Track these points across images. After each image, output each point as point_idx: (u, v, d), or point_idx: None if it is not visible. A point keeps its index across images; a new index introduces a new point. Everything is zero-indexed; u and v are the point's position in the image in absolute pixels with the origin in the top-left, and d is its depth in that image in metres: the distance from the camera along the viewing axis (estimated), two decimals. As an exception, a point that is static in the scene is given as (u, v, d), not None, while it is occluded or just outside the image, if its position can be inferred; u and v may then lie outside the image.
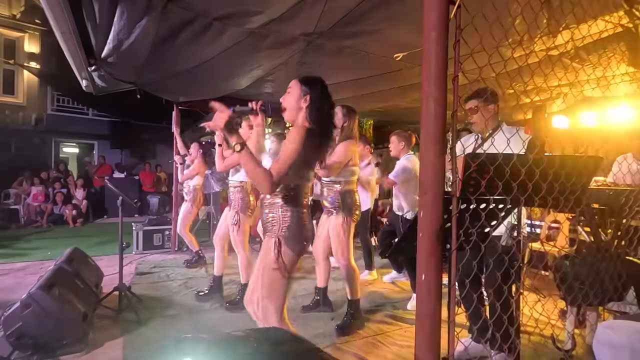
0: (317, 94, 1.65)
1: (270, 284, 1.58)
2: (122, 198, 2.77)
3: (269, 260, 1.59)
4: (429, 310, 0.89)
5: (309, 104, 1.64)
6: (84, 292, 2.58)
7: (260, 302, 1.60)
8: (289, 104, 1.68)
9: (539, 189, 1.26)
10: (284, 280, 1.60)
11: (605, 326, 0.99)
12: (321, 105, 1.65)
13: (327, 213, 2.77)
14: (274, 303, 1.59)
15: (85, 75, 3.89)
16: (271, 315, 1.59)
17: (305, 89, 1.66)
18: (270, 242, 1.61)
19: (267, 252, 1.61)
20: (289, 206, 1.61)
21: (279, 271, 1.58)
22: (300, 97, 1.65)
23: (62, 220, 7.74)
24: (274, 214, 1.62)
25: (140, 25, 2.56)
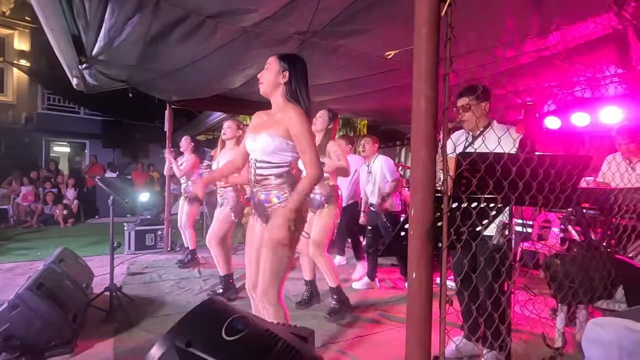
0: (296, 70, 1.69)
1: (277, 263, 1.64)
2: (112, 197, 2.74)
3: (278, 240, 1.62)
4: (419, 309, 0.88)
5: (287, 79, 1.68)
6: (74, 292, 2.54)
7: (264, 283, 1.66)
8: (267, 79, 1.71)
9: (530, 188, 1.27)
10: (289, 259, 1.67)
11: (594, 323, 1.00)
12: (299, 81, 1.70)
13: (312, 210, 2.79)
14: (277, 284, 1.66)
15: (76, 74, 3.84)
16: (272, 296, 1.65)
17: (284, 65, 1.69)
18: (277, 220, 1.63)
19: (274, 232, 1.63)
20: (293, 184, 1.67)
21: (286, 250, 1.64)
22: (279, 72, 1.68)
23: (52, 220, 7.64)
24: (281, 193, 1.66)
25: (131, 23, 2.53)
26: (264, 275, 1.66)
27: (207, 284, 3.63)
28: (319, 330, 2.58)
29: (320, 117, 2.82)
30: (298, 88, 1.69)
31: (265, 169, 1.68)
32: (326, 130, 2.80)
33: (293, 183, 1.68)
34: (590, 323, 1.02)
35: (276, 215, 1.66)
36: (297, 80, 1.69)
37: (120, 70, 3.70)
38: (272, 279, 1.64)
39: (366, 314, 2.94)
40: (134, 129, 10.65)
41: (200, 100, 4.90)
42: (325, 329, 2.62)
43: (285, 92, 1.68)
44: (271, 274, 1.64)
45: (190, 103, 5.10)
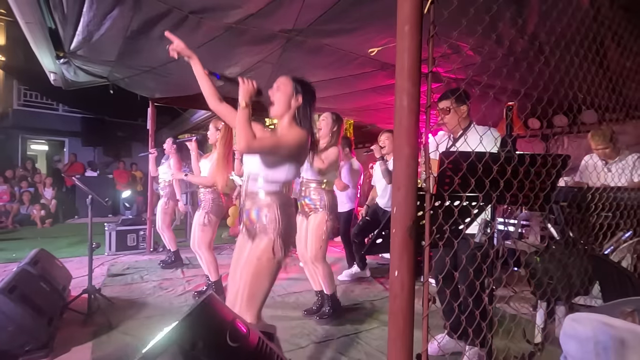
0: (309, 96, 1.70)
1: (257, 285, 1.58)
2: (91, 197, 2.66)
3: (261, 262, 1.57)
4: (401, 307, 0.88)
5: (300, 104, 1.67)
6: (50, 295, 2.45)
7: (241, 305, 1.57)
8: (279, 100, 1.69)
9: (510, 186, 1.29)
10: (270, 283, 1.61)
11: (571, 319, 1.02)
12: (309, 107, 1.70)
13: (307, 213, 2.77)
14: (255, 307, 1.57)
15: (53, 69, 3.72)
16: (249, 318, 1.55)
17: (298, 88, 1.68)
18: (263, 242, 1.59)
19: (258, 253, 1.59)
20: (283, 204, 1.63)
21: (269, 273, 1.59)
22: (292, 95, 1.67)
23: (29, 220, 7.38)
24: (269, 213, 1.61)
25: (111, 17, 2.46)
26: (241, 299, 1.59)
27: (190, 284, 3.57)
28: (304, 330, 2.59)
29: (324, 121, 2.79)
30: (307, 114, 1.68)
31: (256, 184, 1.65)
32: (332, 134, 2.78)
33: (283, 204, 1.63)
34: (567, 318, 1.04)
35: (261, 238, 1.61)
36: (308, 105, 1.69)
37: (100, 66, 3.59)
38: (247, 304, 1.57)
39: (352, 312, 2.95)
40: (115, 126, 10.38)
41: (184, 98, 4.81)
42: (311, 328, 2.61)
43: (295, 115, 1.67)
44: (247, 299, 1.57)
45: (174, 101, 5.01)
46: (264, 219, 1.61)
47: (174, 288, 3.45)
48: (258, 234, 1.62)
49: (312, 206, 2.75)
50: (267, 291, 1.61)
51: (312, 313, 2.84)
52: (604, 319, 0.98)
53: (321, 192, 2.74)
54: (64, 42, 2.98)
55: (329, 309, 2.77)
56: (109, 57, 3.24)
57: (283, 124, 1.70)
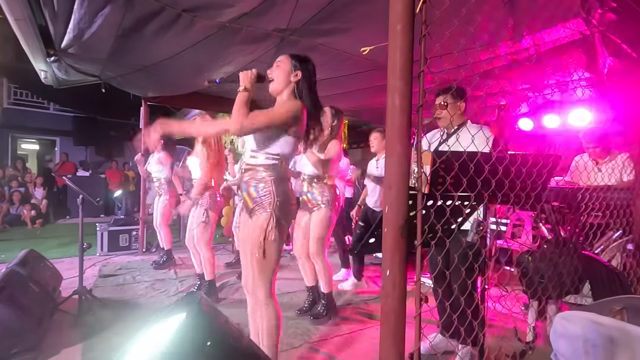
0: (308, 71, 1.69)
1: (263, 260, 1.60)
2: (82, 197, 2.62)
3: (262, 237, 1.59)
4: (393, 306, 0.88)
5: (299, 79, 1.67)
6: (40, 296, 2.41)
7: (253, 281, 1.63)
8: (278, 77, 1.70)
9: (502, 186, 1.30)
10: (276, 255, 1.63)
11: (561, 317, 1.03)
12: (310, 82, 1.70)
13: (309, 209, 2.76)
14: (265, 282, 1.62)
15: (43, 67, 3.67)
16: (262, 294, 1.62)
17: (296, 64, 1.69)
18: (262, 217, 1.60)
19: (259, 229, 1.60)
20: (279, 178, 1.64)
21: (273, 246, 1.60)
22: (290, 71, 1.68)
23: (19, 221, 7.27)
24: (264, 187, 1.62)
25: (102, 14, 2.44)
26: (252, 274, 1.64)
27: (183, 285, 3.54)
28: (298, 330, 2.58)
29: (323, 115, 2.75)
30: (307, 88, 1.68)
31: (253, 158, 1.66)
32: (332, 128, 2.75)
33: (279, 178, 1.64)
34: (557, 317, 1.05)
35: (258, 215, 1.62)
36: (308, 80, 1.69)
37: (92, 64, 3.55)
38: (259, 276, 1.61)
39: (345, 312, 2.94)
40: (108, 126, 10.26)
41: (177, 97, 4.78)
42: (304, 328, 2.60)
43: (294, 90, 1.68)
44: (258, 273, 1.61)
45: (167, 100, 4.97)
46: (261, 193, 1.62)
47: (166, 288, 3.42)
48: (256, 209, 1.62)
49: (315, 202, 2.73)
50: (275, 264, 1.64)
51: (305, 311, 2.83)
52: (593, 317, 0.99)
53: (323, 188, 2.73)
54: (55, 39, 2.94)
55: (323, 308, 2.76)
56: (101, 55, 3.21)
57: (282, 99, 1.70)
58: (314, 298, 2.88)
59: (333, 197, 2.75)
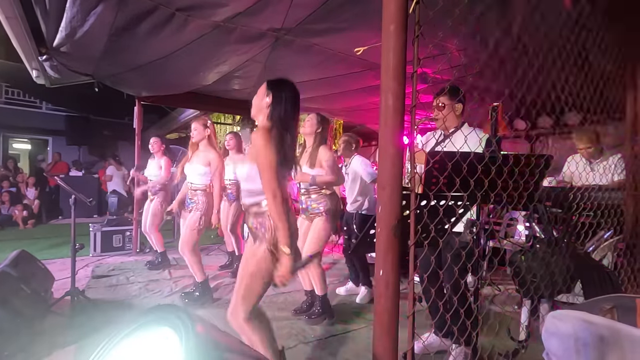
0: (280, 94, 1.67)
1: (251, 287, 1.63)
2: (74, 197, 2.60)
3: (255, 265, 1.61)
4: (386, 306, 0.89)
5: (270, 103, 1.66)
6: (31, 297, 2.39)
7: (234, 301, 1.64)
8: (255, 102, 1.73)
9: (495, 186, 1.30)
10: (263, 287, 1.64)
11: (553, 316, 1.04)
12: (283, 105, 1.66)
13: (311, 218, 2.77)
14: (246, 306, 1.63)
15: (35, 66, 3.63)
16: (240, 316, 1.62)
17: (269, 90, 1.68)
18: (260, 249, 1.61)
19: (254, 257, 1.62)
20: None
21: (264, 279, 1.62)
22: (264, 96, 1.68)
23: (10, 221, 7.18)
24: (262, 221, 1.63)
25: (95, 13, 2.41)
26: (236, 296, 1.65)
27: (177, 285, 3.52)
28: (292, 330, 2.58)
29: (308, 121, 2.76)
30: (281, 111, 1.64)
31: (248, 198, 1.68)
32: (316, 135, 2.73)
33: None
34: (549, 316, 1.06)
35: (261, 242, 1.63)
36: (280, 103, 1.65)
37: (85, 63, 3.51)
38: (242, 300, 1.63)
39: (341, 312, 2.94)
40: (101, 125, 10.17)
41: (171, 97, 4.75)
42: (299, 329, 2.60)
43: (268, 115, 1.66)
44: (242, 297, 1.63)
45: (161, 99, 4.94)
46: (259, 227, 1.64)
47: (160, 289, 3.40)
48: (260, 238, 1.65)
49: (316, 212, 2.75)
50: (260, 293, 1.65)
51: (302, 312, 2.83)
52: (584, 316, 1.00)
53: (323, 198, 2.74)
54: (47, 38, 2.90)
55: (318, 309, 2.77)
56: (94, 54, 3.17)
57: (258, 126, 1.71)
58: (312, 301, 2.89)
59: (334, 205, 2.76)
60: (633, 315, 1.08)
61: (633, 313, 1.09)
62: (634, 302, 1.11)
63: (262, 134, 1.58)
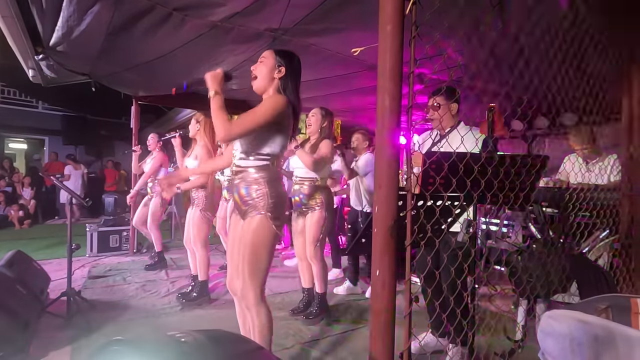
0: (292, 67, 1.66)
1: (255, 263, 1.58)
2: (70, 197, 2.58)
3: (255, 239, 1.57)
4: (383, 305, 0.89)
5: (283, 75, 1.64)
6: (27, 298, 2.37)
7: (243, 284, 1.60)
8: (261, 73, 1.66)
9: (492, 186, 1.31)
10: (269, 259, 1.61)
11: (548, 316, 1.04)
12: (294, 78, 1.66)
13: (304, 212, 2.76)
14: (256, 285, 1.59)
15: (31, 65, 3.61)
16: (252, 297, 1.59)
17: (280, 60, 1.65)
18: (255, 219, 1.58)
19: (251, 231, 1.58)
20: (272, 179, 1.61)
21: (265, 249, 1.58)
22: (274, 67, 1.65)
23: (6, 221, 7.14)
24: (257, 188, 1.59)
25: (92, 12, 2.40)
26: (243, 277, 1.60)
27: (174, 286, 3.51)
28: (289, 330, 2.57)
29: (313, 117, 2.77)
30: (291, 85, 1.65)
31: (244, 160, 1.63)
32: (321, 129, 2.74)
33: (272, 179, 1.61)
34: (544, 316, 1.06)
35: (251, 217, 1.60)
36: (292, 77, 1.65)
37: (82, 62, 3.50)
38: (250, 280, 1.58)
39: (337, 312, 2.95)
40: (98, 125, 10.12)
41: (168, 96, 4.73)
42: (296, 329, 2.60)
43: (278, 88, 1.64)
44: (249, 276, 1.58)
45: (159, 99, 4.93)
46: (254, 195, 1.59)
47: (157, 290, 3.39)
48: (249, 211, 1.60)
49: (308, 204, 2.72)
50: (267, 266, 1.62)
51: (299, 312, 2.83)
52: (579, 316, 1.01)
53: (316, 189, 2.71)
54: (43, 37, 2.89)
55: (316, 309, 2.77)
56: (91, 53, 3.16)
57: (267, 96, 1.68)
58: (309, 300, 2.88)
59: (327, 198, 2.74)
60: (628, 315, 1.09)
61: (628, 313, 1.09)
62: (629, 302, 1.12)
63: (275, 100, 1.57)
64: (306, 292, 2.90)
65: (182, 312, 2.90)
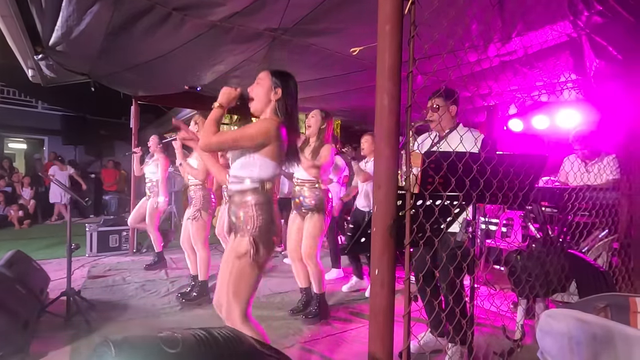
0: (288, 88, 1.65)
1: (240, 283, 1.56)
2: (70, 197, 2.58)
3: (240, 260, 1.55)
4: (382, 305, 0.89)
5: (280, 97, 1.63)
6: (26, 298, 2.37)
7: (227, 302, 1.57)
8: (258, 95, 1.66)
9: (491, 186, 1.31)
10: (253, 280, 1.58)
11: (547, 315, 1.04)
12: (290, 100, 1.65)
13: (303, 213, 2.77)
14: (240, 304, 1.56)
15: (31, 65, 3.61)
16: (236, 316, 1.56)
17: (276, 82, 1.65)
18: (242, 241, 1.57)
19: (237, 252, 1.57)
20: (260, 203, 1.59)
21: (251, 271, 1.56)
22: (270, 88, 1.64)
23: (6, 221, 7.13)
24: (245, 212, 1.58)
25: (91, 12, 2.40)
26: (227, 295, 1.58)
27: (174, 286, 3.51)
28: (289, 330, 2.58)
29: (313, 118, 2.78)
30: (288, 106, 1.64)
31: (234, 184, 1.64)
32: (320, 131, 2.76)
33: (261, 202, 1.60)
34: (543, 315, 1.06)
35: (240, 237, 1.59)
36: (288, 97, 1.65)
37: (81, 62, 3.50)
38: (233, 299, 1.56)
39: (337, 312, 2.95)
40: (97, 125, 10.10)
41: (168, 96, 4.73)
42: (296, 328, 2.60)
43: (275, 109, 1.64)
44: (233, 295, 1.56)
45: (158, 99, 4.92)
46: (242, 218, 1.59)
47: (157, 289, 3.39)
48: (238, 232, 1.60)
49: (308, 206, 2.74)
50: (250, 290, 1.59)
51: (298, 311, 2.83)
52: (578, 315, 1.01)
53: (316, 192, 2.73)
54: (43, 37, 2.89)
55: (315, 308, 2.77)
56: (90, 53, 3.16)
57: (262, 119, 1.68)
58: (307, 299, 2.89)
59: (326, 201, 2.76)
60: (626, 313, 1.09)
61: (626, 312, 1.10)
62: (627, 301, 1.12)
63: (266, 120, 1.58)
64: (304, 292, 2.91)
65: (182, 312, 2.90)
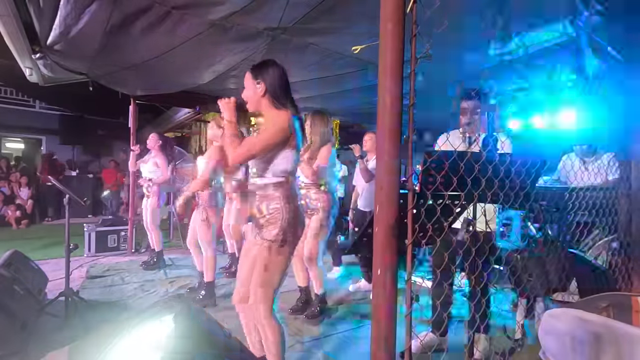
0: (271, 77, 1.64)
1: (268, 275, 1.58)
2: (68, 197, 2.57)
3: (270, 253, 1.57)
4: (384, 305, 0.88)
5: (265, 89, 1.63)
6: (24, 298, 2.36)
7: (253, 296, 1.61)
8: (248, 97, 1.69)
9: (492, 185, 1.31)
10: (282, 271, 1.62)
11: (549, 315, 1.04)
12: (279, 87, 1.65)
13: (309, 214, 2.76)
14: (267, 294, 1.60)
15: (29, 64, 3.59)
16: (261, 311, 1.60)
17: (256, 77, 1.65)
18: (270, 234, 1.58)
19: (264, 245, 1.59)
20: (287, 195, 1.61)
21: (279, 263, 1.59)
22: (254, 85, 1.65)
23: (3, 221, 7.10)
24: (272, 204, 1.60)
25: (89, 11, 2.39)
26: (255, 291, 1.62)
27: (173, 286, 3.50)
28: (290, 330, 2.57)
29: (312, 119, 2.79)
30: (279, 94, 1.64)
31: (260, 179, 1.64)
32: (322, 133, 2.77)
33: (288, 195, 1.62)
34: (545, 314, 1.06)
35: (268, 230, 1.60)
36: (275, 86, 1.64)
37: (79, 62, 3.48)
38: (261, 294, 1.60)
39: (339, 312, 2.95)
40: (95, 124, 10.07)
41: (167, 96, 4.72)
42: (297, 328, 2.60)
43: (269, 102, 1.64)
44: (261, 290, 1.60)
45: (156, 98, 4.91)
46: (271, 211, 1.60)
47: (156, 290, 3.38)
48: (266, 226, 1.61)
49: (312, 208, 2.76)
50: (278, 283, 1.62)
51: (298, 310, 2.84)
52: (580, 314, 1.01)
53: (321, 194, 2.76)
54: (40, 36, 2.87)
55: (316, 308, 2.77)
56: (88, 52, 3.14)
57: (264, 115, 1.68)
58: (306, 299, 2.89)
59: (329, 203, 2.78)
60: (628, 313, 1.09)
61: (628, 311, 1.10)
62: (630, 300, 1.12)
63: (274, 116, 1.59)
64: (303, 291, 2.92)
65: (181, 312, 2.89)
